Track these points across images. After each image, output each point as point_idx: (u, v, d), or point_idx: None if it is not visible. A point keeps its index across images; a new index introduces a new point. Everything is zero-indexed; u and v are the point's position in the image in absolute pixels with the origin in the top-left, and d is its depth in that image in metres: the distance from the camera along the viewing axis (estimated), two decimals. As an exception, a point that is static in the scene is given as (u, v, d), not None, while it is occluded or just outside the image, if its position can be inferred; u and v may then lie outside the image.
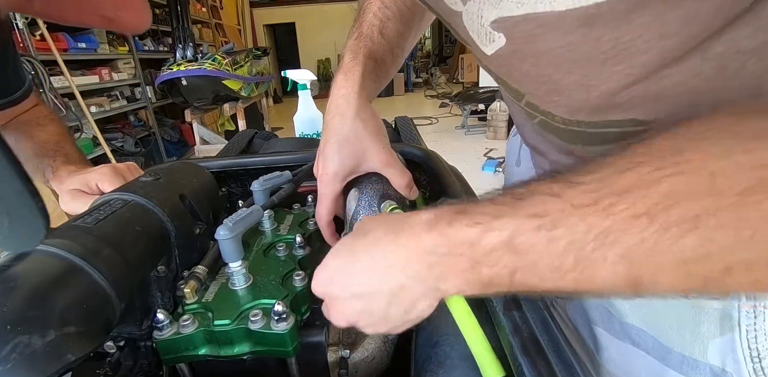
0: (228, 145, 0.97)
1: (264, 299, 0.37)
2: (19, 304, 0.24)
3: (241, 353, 0.36)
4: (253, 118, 4.52)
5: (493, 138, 4.37)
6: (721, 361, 0.32)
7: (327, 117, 0.45)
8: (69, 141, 0.70)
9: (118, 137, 3.31)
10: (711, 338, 0.33)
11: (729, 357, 0.32)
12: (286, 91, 7.74)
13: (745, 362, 0.31)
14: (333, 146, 0.43)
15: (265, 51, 4.45)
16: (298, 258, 0.44)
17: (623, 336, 0.39)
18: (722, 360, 0.32)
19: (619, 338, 0.39)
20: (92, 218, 0.35)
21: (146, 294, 0.38)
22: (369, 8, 0.50)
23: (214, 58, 3.11)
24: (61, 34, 2.69)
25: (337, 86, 0.45)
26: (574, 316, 0.45)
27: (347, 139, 0.43)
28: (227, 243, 0.38)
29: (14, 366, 0.22)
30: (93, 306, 0.28)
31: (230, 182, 0.69)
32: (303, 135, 1.04)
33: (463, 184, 0.55)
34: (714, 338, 0.32)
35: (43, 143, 0.66)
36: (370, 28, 0.48)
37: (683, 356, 0.34)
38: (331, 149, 0.43)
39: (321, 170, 0.44)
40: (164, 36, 4.17)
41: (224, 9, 6.36)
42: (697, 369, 0.34)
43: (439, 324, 0.39)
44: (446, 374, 0.33)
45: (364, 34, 0.48)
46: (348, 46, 0.48)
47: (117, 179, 0.56)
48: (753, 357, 0.31)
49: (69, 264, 0.29)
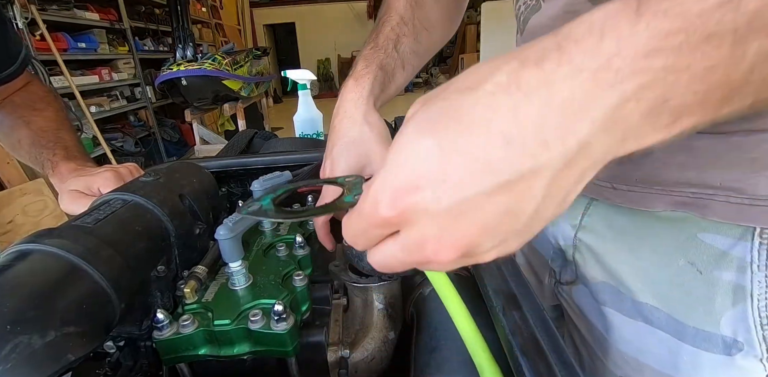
0: (228, 145, 0.97)
1: (264, 299, 0.37)
2: (19, 304, 0.24)
3: (241, 353, 0.36)
4: (253, 118, 4.52)
5: (493, 138, 4.36)
6: (732, 331, 0.34)
7: (335, 120, 0.46)
8: (67, 129, 0.67)
9: (118, 137, 3.31)
10: (724, 310, 0.34)
11: (741, 326, 0.33)
12: (286, 91, 7.74)
13: (756, 330, 0.33)
14: (341, 148, 0.44)
15: (265, 51, 4.45)
16: (298, 258, 0.44)
17: (635, 314, 0.39)
18: (734, 330, 0.34)
19: (631, 317, 0.40)
20: (92, 218, 0.35)
21: (146, 294, 0.38)
22: (388, 21, 0.51)
23: (214, 58, 3.11)
24: (61, 34, 2.70)
25: (347, 90, 0.46)
26: (580, 300, 0.46)
27: (354, 141, 0.44)
28: (227, 243, 0.38)
29: (14, 366, 0.22)
30: (93, 306, 0.28)
31: (230, 182, 0.69)
32: (303, 135, 1.04)
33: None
34: (727, 310, 0.34)
35: (41, 132, 0.63)
36: (386, 41, 0.49)
37: (696, 329, 0.35)
38: (338, 151, 0.44)
39: (328, 172, 0.45)
40: (164, 36, 4.17)
41: (224, 9, 6.36)
42: (710, 340, 0.35)
43: (437, 330, 0.39)
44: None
45: (379, 45, 0.49)
46: (363, 55, 0.49)
47: (120, 184, 0.56)
48: (764, 325, 0.32)
49: (69, 264, 0.29)
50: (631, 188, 0.37)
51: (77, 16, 2.85)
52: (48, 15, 2.51)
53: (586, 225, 0.43)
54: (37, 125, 0.64)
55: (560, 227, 0.46)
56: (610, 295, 0.41)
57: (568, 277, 0.48)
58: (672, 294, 0.37)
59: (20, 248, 0.29)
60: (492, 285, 0.33)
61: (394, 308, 0.46)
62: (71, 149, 0.63)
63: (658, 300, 0.38)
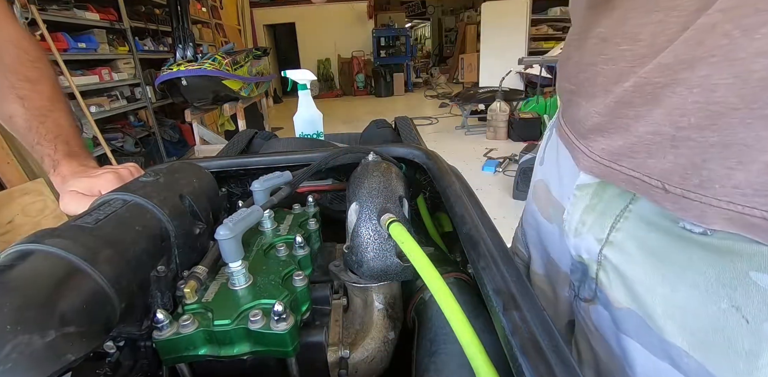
0: (228, 145, 0.97)
1: (264, 299, 0.37)
2: (19, 304, 0.24)
3: (241, 353, 0.36)
4: (253, 118, 4.52)
5: (493, 138, 4.37)
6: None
7: None
8: (65, 111, 0.61)
9: (118, 137, 3.31)
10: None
11: None
12: (286, 91, 7.74)
13: None
14: None
15: (265, 51, 4.45)
16: (298, 258, 0.44)
17: (662, 354, 0.34)
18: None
19: (656, 355, 0.34)
20: (92, 218, 0.35)
21: (146, 294, 0.38)
22: None
23: (214, 58, 3.11)
24: (61, 34, 2.70)
25: None
26: (600, 322, 0.41)
27: None
28: (227, 243, 0.38)
29: (14, 366, 0.22)
30: (93, 306, 0.28)
31: (230, 182, 0.69)
32: (303, 135, 1.04)
33: (463, 184, 0.55)
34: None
35: (39, 115, 0.58)
36: None
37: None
38: None
39: None
40: (164, 36, 4.17)
41: (224, 9, 6.36)
42: None
43: (437, 334, 0.39)
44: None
45: None
46: None
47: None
48: None
49: (69, 264, 0.29)
50: (687, 192, 0.29)
51: (77, 16, 2.85)
52: (48, 15, 2.52)
53: (614, 241, 0.37)
54: (32, 103, 0.58)
55: (584, 238, 0.40)
56: (634, 326, 0.36)
57: (586, 294, 0.42)
58: (708, 341, 0.30)
59: (20, 248, 0.29)
60: (492, 286, 0.33)
61: (394, 308, 0.47)
62: (72, 142, 0.60)
63: (691, 344, 0.31)
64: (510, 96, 4.41)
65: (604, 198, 0.38)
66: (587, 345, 0.44)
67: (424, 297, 0.46)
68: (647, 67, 0.29)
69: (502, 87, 4.27)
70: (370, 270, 0.42)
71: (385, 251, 0.42)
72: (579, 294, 0.44)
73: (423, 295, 0.47)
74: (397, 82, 8.57)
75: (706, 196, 0.28)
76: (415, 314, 0.47)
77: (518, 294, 0.32)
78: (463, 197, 0.48)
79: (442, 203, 0.54)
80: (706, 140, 0.26)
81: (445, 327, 0.39)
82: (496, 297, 0.32)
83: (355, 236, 0.44)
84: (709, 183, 0.27)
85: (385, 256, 0.42)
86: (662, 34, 0.28)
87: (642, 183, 0.32)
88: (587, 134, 0.37)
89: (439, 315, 0.41)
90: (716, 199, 0.27)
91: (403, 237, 0.39)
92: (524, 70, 5.04)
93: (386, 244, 0.43)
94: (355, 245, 0.44)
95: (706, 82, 0.25)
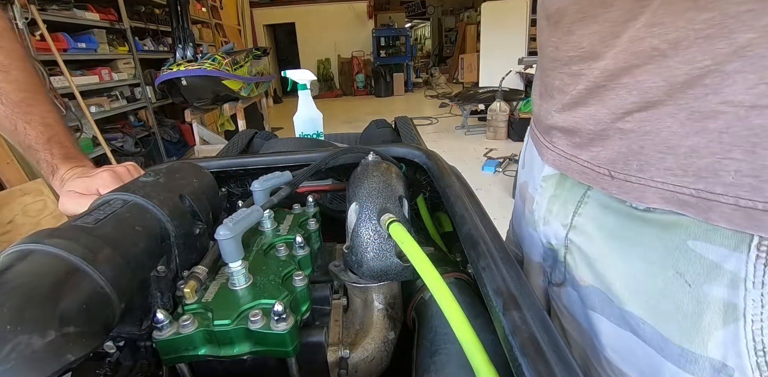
0: (228, 145, 0.97)
1: (264, 299, 0.37)
2: (19, 304, 0.24)
3: (241, 353, 0.36)
4: (253, 118, 4.52)
5: (492, 138, 4.37)
6: (722, 355, 0.31)
7: None
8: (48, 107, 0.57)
9: (118, 137, 3.31)
10: (712, 330, 0.31)
11: (731, 350, 0.30)
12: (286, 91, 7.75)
13: (749, 355, 0.29)
14: None
15: (265, 51, 4.45)
16: (298, 258, 0.44)
17: (623, 322, 0.37)
18: (723, 354, 0.30)
19: (618, 325, 0.38)
20: (92, 218, 0.35)
21: (146, 294, 0.38)
22: None
23: (214, 58, 3.11)
24: (61, 34, 2.70)
25: None
26: (570, 303, 0.44)
27: None
28: (227, 243, 0.38)
29: (14, 366, 0.22)
30: (93, 306, 0.28)
31: (230, 182, 0.69)
32: (303, 135, 1.04)
33: (463, 184, 0.55)
34: (716, 330, 0.30)
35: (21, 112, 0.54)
36: None
37: (682, 349, 0.32)
38: None
39: None
40: (164, 36, 4.18)
41: (224, 9, 6.36)
42: (696, 363, 0.32)
43: (437, 334, 0.39)
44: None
45: None
46: None
47: (118, 184, 0.55)
48: (757, 350, 0.29)
49: (69, 264, 0.29)
50: (629, 176, 0.33)
51: (77, 16, 2.86)
52: (48, 15, 2.52)
53: (577, 225, 0.41)
54: (9, 97, 0.54)
55: (552, 225, 0.44)
56: (598, 300, 0.39)
57: (557, 279, 0.46)
58: (660, 307, 0.34)
59: (20, 248, 0.29)
60: (492, 286, 0.33)
61: (394, 308, 0.47)
62: (66, 143, 0.58)
63: (645, 311, 0.35)
64: (510, 96, 4.41)
65: (566, 187, 0.42)
66: (560, 327, 0.47)
67: (424, 297, 0.46)
68: (595, 72, 0.34)
69: (502, 87, 4.28)
70: (370, 270, 0.42)
71: (385, 251, 0.42)
72: (552, 280, 0.47)
73: (423, 295, 0.47)
74: (397, 82, 8.58)
75: (644, 178, 0.32)
76: (415, 314, 0.47)
77: (518, 294, 0.32)
78: (463, 197, 0.48)
79: (442, 203, 0.54)
80: (642, 129, 0.32)
81: (445, 327, 0.39)
82: (495, 297, 0.32)
83: (355, 236, 0.44)
84: (647, 166, 0.32)
85: (385, 256, 0.42)
86: (600, 42, 0.33)
87: (592, 172, 0.37)
88: (549, 130, 0.43)
89: (439, 315, 0.41)
90: (653, 180, 0.32)
91: (403, 237, 0.39)
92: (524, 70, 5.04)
93: (386, 244, 0.43)
94: (355, 245, 0.44)
95: (641, 86, 0.31)
